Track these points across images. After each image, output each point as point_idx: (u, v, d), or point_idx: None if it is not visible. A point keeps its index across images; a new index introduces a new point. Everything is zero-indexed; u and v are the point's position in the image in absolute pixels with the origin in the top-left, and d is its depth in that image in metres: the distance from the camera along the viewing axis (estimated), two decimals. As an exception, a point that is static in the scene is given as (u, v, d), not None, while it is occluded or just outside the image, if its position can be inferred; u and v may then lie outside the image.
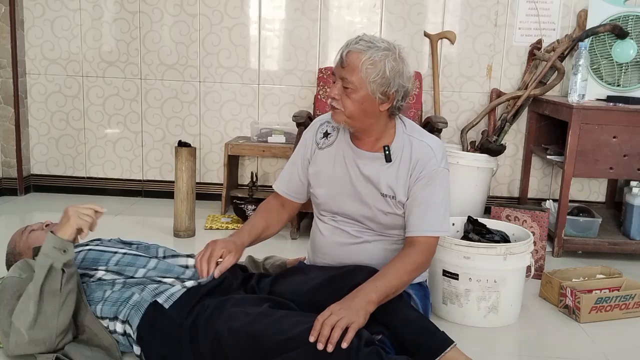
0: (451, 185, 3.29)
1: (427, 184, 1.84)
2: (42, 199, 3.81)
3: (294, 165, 2.04)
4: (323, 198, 1.97)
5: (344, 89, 1.78)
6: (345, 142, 1.93)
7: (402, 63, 1.78)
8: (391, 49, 1.77)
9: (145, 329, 1.71)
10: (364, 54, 1.74)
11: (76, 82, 3.80)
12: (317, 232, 2.04)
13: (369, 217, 1.92)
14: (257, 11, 3.68)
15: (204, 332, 1.64)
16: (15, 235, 2.14)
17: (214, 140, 3.83)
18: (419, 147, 1.88)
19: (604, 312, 2.31)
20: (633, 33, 3.27)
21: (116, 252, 1.94)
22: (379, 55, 1.74)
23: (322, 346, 1.51)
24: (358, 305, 1.62)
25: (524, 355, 2.11)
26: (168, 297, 1.74)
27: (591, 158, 2.96)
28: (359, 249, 1.95)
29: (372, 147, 1.90)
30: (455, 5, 3.62)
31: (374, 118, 1.83)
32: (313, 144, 2.00)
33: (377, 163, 1.88)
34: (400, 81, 1.78)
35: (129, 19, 3.71)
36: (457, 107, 3.74)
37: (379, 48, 1.75)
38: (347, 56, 1.76)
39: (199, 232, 3.20)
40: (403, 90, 1.80)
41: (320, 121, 2.02)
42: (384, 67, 1.74)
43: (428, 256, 1.86)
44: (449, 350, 1.70)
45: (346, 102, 1.79)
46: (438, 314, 2.29)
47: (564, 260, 2.99)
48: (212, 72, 3.75)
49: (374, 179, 1.88)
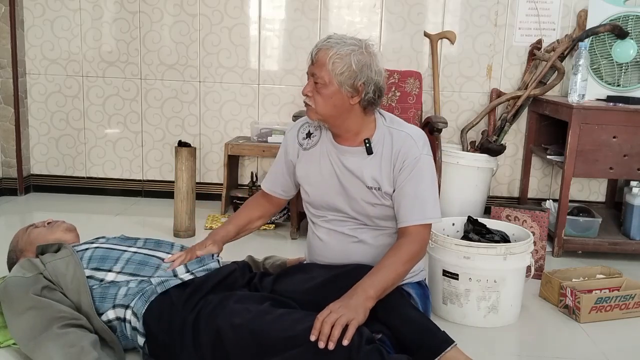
0: (451, 186, 3.37)
1: (412, 173, 1.86)
2: (42, 199, 3.81)
3: (278, 166, 2.10)
4: (313, 197, 2.00)
5: (315, 85, 1.84)
6: (328, 140, 1.96)
7: (370, 57, 1.83)
8: (359, 45, 1.83)
9: (151, 318, 1.73)
10: (332, 49, 1.80)
11: (76, 82, 3.80)
12: (313, 237, 2.06)
13: (358, 210, 1.94)
14: (257, 11, 3.68)
15: (206, 326, 1.65)
16: (18, 232, 2.14)
17: (214, 140, 3.83)
18: (399, 137, 1.90)
19: (604, 312, 2.31)
20: (633, 33, 3.27)
21: (125, 250, 1.94)
22: (346, 50, 1.80)
23: (323, 344, 1.52)
24: (357, 302, 1.63)
25: (524, 355, 2.11)
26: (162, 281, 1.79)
27: (591, 158, 2.96)
28: (355, 248, 1.95)
29: (353, 142, 1.93)
30: (455, 5, 3.62)
31: (346, 112, 1.86)
32: (296, 144, 2.03)
33: (360, 157, 1.91)
34: (368, 74, 1.82)
35: (129, 19, 3.71)
36: (457, 107, 3.74)
37: (345, 44, 1.81)
38: (317, 53, 1.83)
39: (199, 232, 3.20)
40: (373, 83, 1.84)
41: (301, 122, 2.06)
42: (349, 60, 1.79)
43: (422, 244, 1.86)
44: (449, 349, 1.70)
45: (317, 98, 1.84)
46: (438, 314, 2.29)
47: (564, 260, 2.99)
48: (212, 72, 3.75)
49: (358, 172, 1.90)
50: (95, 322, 1.78)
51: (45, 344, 1.66)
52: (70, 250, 1.90)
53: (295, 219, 3.16)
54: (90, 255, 1.90)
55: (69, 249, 1.91)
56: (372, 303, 1.67)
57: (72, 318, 1.74)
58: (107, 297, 1.81)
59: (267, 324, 1.59)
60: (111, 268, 1.86)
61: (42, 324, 1.70)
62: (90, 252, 1.91)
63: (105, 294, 1.81)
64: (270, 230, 3.35)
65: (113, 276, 1.84)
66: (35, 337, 1.69)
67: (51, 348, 1.65)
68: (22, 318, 1.75)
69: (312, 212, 2.04)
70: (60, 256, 1.88)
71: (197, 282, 1.80)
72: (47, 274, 1.83)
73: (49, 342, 1.66)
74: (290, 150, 2.04)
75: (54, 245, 1.97)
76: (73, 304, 1.80)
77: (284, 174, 2.08)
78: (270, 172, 2.14)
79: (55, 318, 1.71)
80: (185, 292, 1.76)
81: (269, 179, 2.14)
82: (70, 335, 1.67)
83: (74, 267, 1.85)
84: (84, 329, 1.73)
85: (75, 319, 1.74)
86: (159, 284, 1.79)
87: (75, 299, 1.81)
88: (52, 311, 1.73)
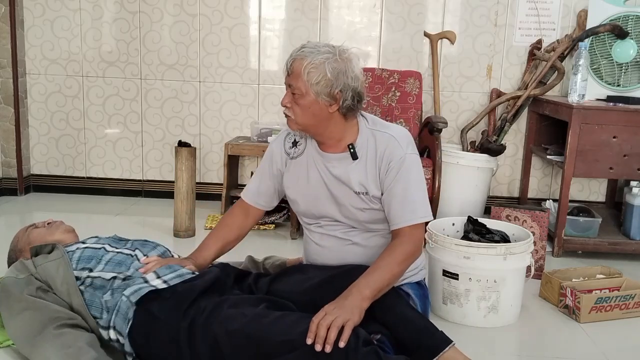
0: (451, 185, 3.37)
1: (398, 175, 1.85)
2: (42, 199, 3.81)
3: (262, 175, 2.06)
4: (303, 205, 1.99)
5: (292, 95, 1.82)
6: (314, 148, 1.95)
7: (344, 63, 1.80)
8: (332, 52, 1.80)
9: (138, 336, 1.70)
10: (306, 59, 1.78)
11: (76, 82, 3.80)
12: (308, 241, 2.06)
13: (348, 216, 1.93)
14: (257, 11, 3.68)
15: (202, 334, 1.63)
16: (19, 232, 2.14)
17: (214, 140, 3.83)
18: (382, 139, 1.89)
19: (604, 312, 2.31)
20: (633, 33, 3.27)
21: (110, 250, 1.92)
22: (320, 59, 1.78)
23: (319, 347, 1.51)
24: (352, 304, 1.62)
25: (524, 355, 2.11)
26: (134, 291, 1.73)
27: (591, 158, 2.96)
28: (349, 250, 1.95)
29: (337, 149, 1.91)
30: (455, 5, 3.62)
31: (326, 120, 1.85)
32: (283, 154, 2.02)
33: (345, 162, 1.90)
34: (345, 81, 1.80)
35: (129, 19, 3.71)
36: (457, 107, 3.74)
37: (319, 52, 1.79)
38: (292, 64, 1.81)
39: (199, 232, 3.20)
40: (350, 89, 1.81)
41: (287, 131, 2.03)
42: (324, 69, 1.77)
43: (416, 244, 1.84)
44: (447, 349, 1.70)
45: (296, 109, 1.83)
46: (438, 314, 2.29)
47: (564, 260, 2.99)
48: (212, 72, 3.75)
49: (345, 178, 1.89)
50: (91, 322, 1.77)
51: (42, 346, 1.66)
52: (62, 251, 1.89)
53: (295, 219, 3.16)
54: (79, 255, 1.90)
55: (60, 250, 1.90)
56: (368, 303, 1.67)
57: (68, 318, 1.73)
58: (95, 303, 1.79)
59: (263, 328, 1.58)
60: (93, 268, 1.85)
61: (38, 325, 1.70)
62: (79, 252, 1.91)
63: (92, 301, 1.79)
64: (270, 230, 3.35)
65: (95, 275, 1.82)
66: (32, 339, 1.69)
67: (48, 349, 1.64)
68: (18, 319, 1.75)
69: (305, 220, 2.04)
70: (52, 258, 1.87)
71: (180, 291, 1.74)
72: (38, 276, 1.83)
73: (46, 343, 1.66)
74: (277, 159, 2.02)
75: (47, 246, 1.96)
76: (67, 305, 1.79)
77: (268, 185, 2.05)
78: (253, 183, 2.09)
79: (51, 319, 1.70)
80: (169, 303, 1.71)
81: (252, 190, 2.08)
82: (66, 336, 1.67)
83: (64, 269, 1.83)
84: (80, 328, 1.72)
85: (71, 319, 1.73)
86: (131, 294, 1.73)
87: (67, 300, 1.80)
88: (47, 312, 1.73)
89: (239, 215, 2.10)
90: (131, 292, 1.73)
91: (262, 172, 2.07)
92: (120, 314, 1.72)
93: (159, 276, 1.79)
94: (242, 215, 2.10)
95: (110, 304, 1.76)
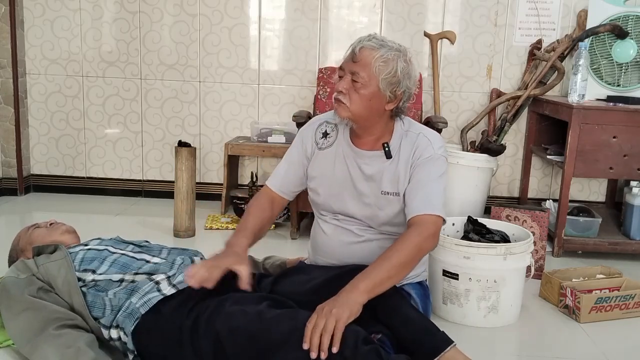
0: (451, 185, 3.36)
1: (424, 168, 1.86)
2: (42, 199, 3.81)
3: (290, 163, 2.02)
4: (324, 198, 1.97)
5: (352, 83, 1.79)
6: (345, 142, 1.93)
7: (409, 65, 1.82)
8: (402, 51, 1.81)
9: (141, 333, 1.70)
10: (377, 51, 1.77)
11: (76, 82, 3.80)
12: (319, 232, 2.03)
13: (369, 216, 1.92)
14: (257, 11, 3.68)
15: (205, 332, 1.63)
16: (21, 231, 2.14)
17: (214, 140, 3.83)
18: (416, 139, 1.90)
19: (604, 312, 2.31)
20: (633, 33, 3.27)
21: (113, 252, 1.93)
22: (392, 55, 1.77)
23: (314, 355, 1.49)
24: (344, 299, 1.59)
25: (524, 355, 2.11)
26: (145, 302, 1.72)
27: (591, 158, 2.96)
28: (362, 247, 1.94)
29: (372, 146, 1.91)
30: (455, 5, 3.62)
31: (377, 116, 1.85)
32: (313, 143, 1.99)
33: (379, 161, 1.89)
34: (407, 83, 1.82)
35: (129, 19, 3.71)
36: (457, 107, 3.74)
37: (391, 48, 1.78)
38: (360, 51, 1.78)
39: (199, 232, 3.20)
40: (408, 92, 1.84)
41: (319, 121, 2.02)
42: (395, 67, 1.77)
43: (425, 236, 1.75)
44: (448, 350, 1.69)
45: (354, 96, 1.80)
46: (438, 314, 2.29)
47: (564, 260, 2.99)
48: (212, 72, 3.75)
49: (377, 177, 1.89)
50: (91, 322, 1.77)
51: (42, 346, 1.66)
52: (64, 252, 1.89)
53: (295, 219, 3.16)
54: (82, 257, 1.90)
55: (63, 250, 1.90)
56: (365, 297, 1.62)
57: (68, 318, 1.73)
58: (97, 304, 1.79)
59: (264, 327, 1.57)
60: (96, 269, 1.85)
61: (37, 326, 1.70)
62: (82, 253, 1.91)
63: (94, 302, 1.79)
64: (270, 230, 3.34)
65: (98, 277, 1.83)
66: (32, 339, 1.69)
67: (47, 350, 1.64)
68: (18, 319, 1.75)
69: (321, 211, 2.02)
70: (54, 258, 1.87)
71: (187, 291, 1.73)
72: (39, 275, 1.83)
73: (45, 344, 1.66)
74: (307, 147, 1.99)
75: (50, 246, 1.96)
76: (68, 305, 1.80)
77: (296, 171, 2.00)
78: (280, 170, 2.03)
79: (50, 319, 1.71)
80: (175, 299, 1.72)
81: (278, 177, 2.02)
82: (66, 336, 1.67)
83: (66, 270, 1.84)
84: (79, 329, 1.72)
85: (71, 319, 1.73)
86: (142, 305, 1.72)
87: (68, 301, 1.80)
88: (47, 312, 1.73)
89: (264, 203, 2.00)
90: (142, 304, 1.72)
91: (290, 159, 2.02)
92: (127, 313, 1.73)
93: (172, 284, 1.78)
94: (267, 203, 2.00)
95: (114, 302, 1.76)
